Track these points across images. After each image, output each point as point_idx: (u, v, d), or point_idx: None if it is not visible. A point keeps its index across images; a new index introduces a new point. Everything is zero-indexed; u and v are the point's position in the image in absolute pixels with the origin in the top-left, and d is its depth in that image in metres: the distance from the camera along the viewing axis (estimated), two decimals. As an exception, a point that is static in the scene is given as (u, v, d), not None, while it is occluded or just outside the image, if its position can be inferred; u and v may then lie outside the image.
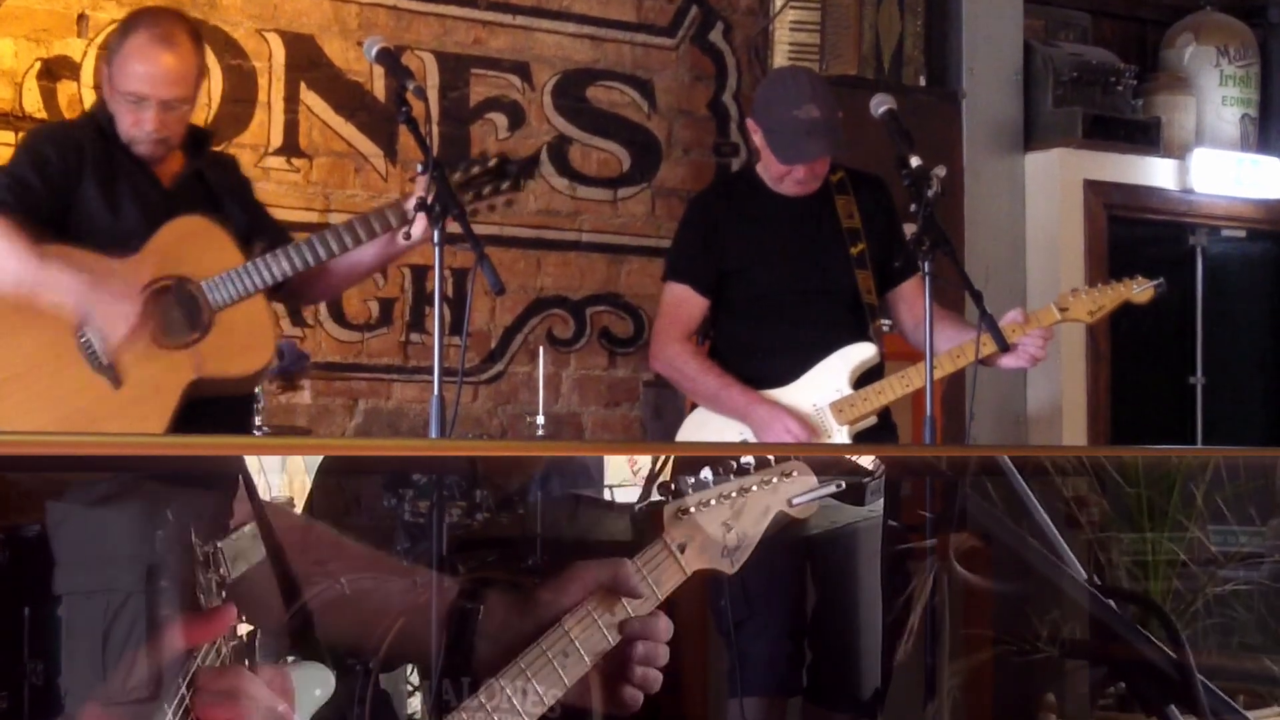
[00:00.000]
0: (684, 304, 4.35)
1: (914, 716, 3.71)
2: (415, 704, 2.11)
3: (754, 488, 2.20)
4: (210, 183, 3.89)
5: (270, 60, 5.75)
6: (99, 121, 3.81)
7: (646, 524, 2.16)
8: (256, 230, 3.87)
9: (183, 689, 1.71)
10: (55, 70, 5.38)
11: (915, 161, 3.93)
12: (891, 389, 4.17)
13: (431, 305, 5.75)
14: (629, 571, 2.05)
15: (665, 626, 2.06)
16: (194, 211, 3.75)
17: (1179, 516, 3.66)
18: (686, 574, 2.12)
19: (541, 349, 5.76)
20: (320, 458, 3.31)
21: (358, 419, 5.84)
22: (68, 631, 2.43)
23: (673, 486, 2.18)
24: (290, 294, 4.01)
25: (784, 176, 4.28)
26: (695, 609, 3.92)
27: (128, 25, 3.83)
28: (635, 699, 2.03)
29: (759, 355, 4.28)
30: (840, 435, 4.17)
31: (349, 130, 5.87)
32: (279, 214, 4.55)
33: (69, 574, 2.13)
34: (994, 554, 3.52)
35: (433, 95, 5.94)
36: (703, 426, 4.30)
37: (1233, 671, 3.63)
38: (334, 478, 3.84)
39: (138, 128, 3.73)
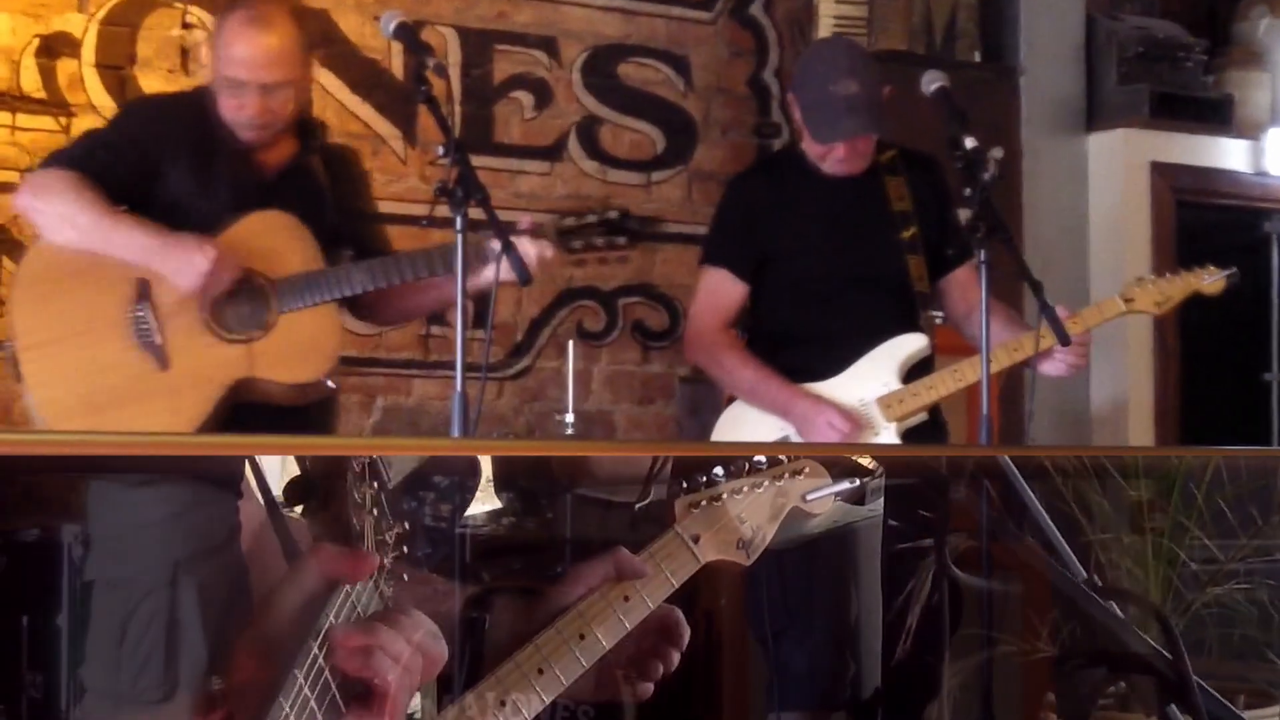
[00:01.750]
0: (722, 290, 4.34)
1: (914, 717, 3.83)
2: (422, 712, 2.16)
3: (766, 483, 2.34)
4: (315, 177, 3.91)
5: (282, 36, 5.76)
6: (204, 101, 3.84)
7: (657, 517, 2.27)
8: (348, 238, 3.88)
9: (314, 649, 1.75)
10: (55, 47, 5.41)
11: (969, 143, 3.91)
12: (944, 384, 4.16)
13: (451, 303, 5.75)
14: (625, 553, 2.17)
15: (679, 617, 2.19)
16: (290, 206, 3.78)
17: (1179, 517, 3.71)
18: (701, 562, 2.25)
19: (570, 343, 5.76)
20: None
21: (375, 416, 5.85)
22: (117, 619, 2.45)
23: (683, 483, 2.30)
24: (365, 310, 4.02)
25: (826, 155, 4.27)
26: (730, 615, 3.95)
27: (226, 8, 3.87)
28: (646, 689, 2.14)
29: (801, 346, 4.27)
30: (888, 432, 4.16)
31: (365, 110, 5.89)
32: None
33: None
34: (994, 554, 3.59)
35: (454, 73, 5.95)
36: (739, 421, 4.29)
37: (1233, 671, 3.69)
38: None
39: (240, 113, 3.78)
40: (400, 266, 3.77)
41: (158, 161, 3.72)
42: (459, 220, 3.49)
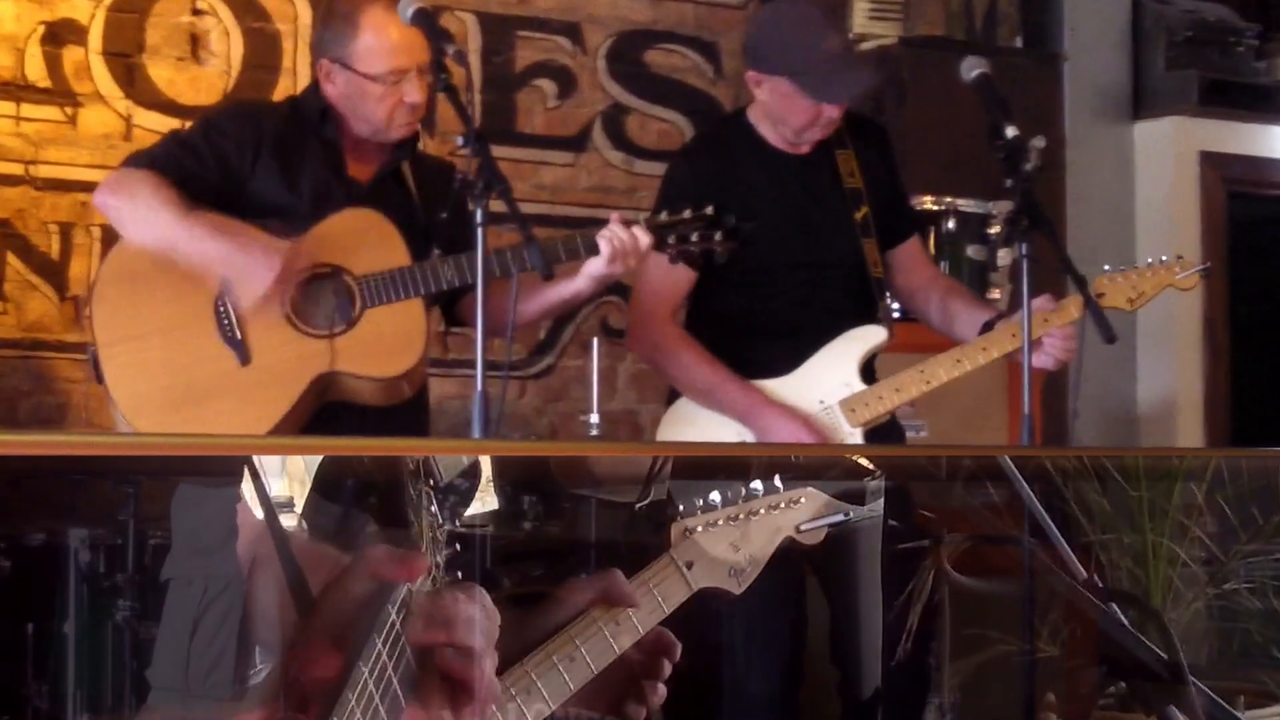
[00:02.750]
0: (671, 276, 4.15)
1: (914, 717, 3.85)
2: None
3: (762, 511, 2.42)
4: (406, 184, 3.95)
5: (295, 22, 5.78)
6: (301, 108, 3.92)
7: (652, 536, 2.38)
8: (438, 239, 3.90)
9: (392, 615, 1.84)
10: (60, 35, 5.43)
11: (1011, 132, 3.89)
12: (911, 385, 4.05)
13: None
14: (620, 580, 2.26)
15: (672, 642, 2.26)
16: (380, 208, 3.82)
17: (1180, 517, 3.74)
18: (693, 589, 2.33)
19: (595, 340, 5.76)
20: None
21: (392, 418, 5.86)
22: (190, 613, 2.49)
23: (680, 506, 2.40)
24: (464, 316, 4.03)
25: (812, 124, 4.16)
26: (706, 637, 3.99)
27: (344, 5, 3.88)
28: (638, 714, 2.21)
29: (750, 337, 4.16)
30: (852, 439, 4.05)
31: (382, 99, 5.89)
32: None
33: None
34: (994, 554, 3.63)
35: (474, 60, 5.96)
36: (689, 422, 4.17)
37: (1234, 671, 3.72)
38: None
39: (403, 107, 3.83)
40: (489, 262, 3.74)
41: (241, 166, 3.78)
42: (479, 213, 3.49)
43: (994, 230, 5.68)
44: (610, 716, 2.23)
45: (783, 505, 2.43)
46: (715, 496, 2.40)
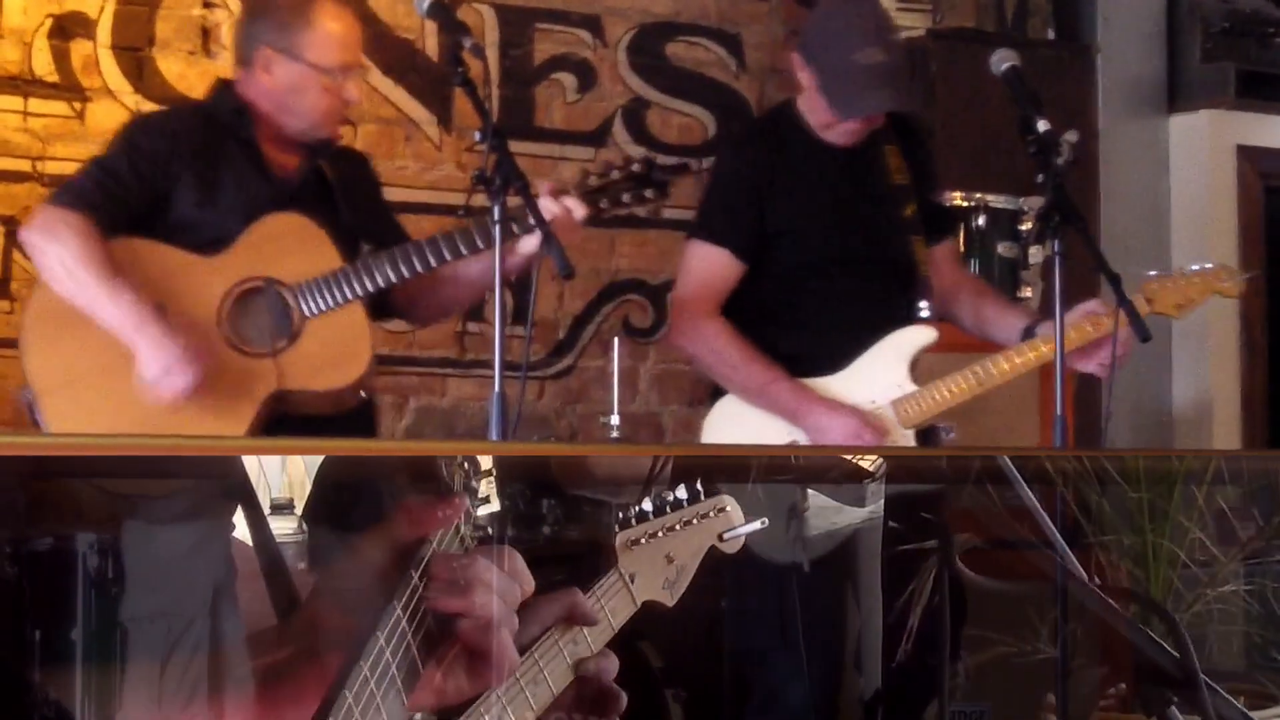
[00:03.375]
0: (719, 270, 4.20)
1: (914, 717, 3.90)
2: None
3: (693, 521, 2.47)
4: (329, 182, 3.94)
5: (309, 15, 5.78)
6: (214, 112, 3.90)
7: (600, 552, 2.40)
8: (366, 235, 3.90)
9: (415, 579, 1.86)
10: (68, 28, 5.43)
11: (1042, 126, 3.89)
12: (963, 385, 4.07)
13: (492, 291, 5.76)
14: (581, 600, 2.28)
15: (614, 665, 2.29)
16: (301, 207, 3.80)
17: (1180, 517, 3.76)
18: (637, 605, 2.38)
19: (616, 340, 5.76)
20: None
21: (408, 419, 5.87)
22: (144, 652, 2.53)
23: (619, 515, 2.44)
24: (400, 310, 4.03)
25: (832, 126, 4.21)
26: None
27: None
28: None
29: (797, 333, 4.17)
30: (904, 439, 4.07)
31: (398, 94, 5.90)
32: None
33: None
34: (994, 554, 3.67)
35: (492, 54, 5.96)
36: (737, 421, 4.17)
37: (1235, 672, 3.75)
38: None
39: (337, 107, 3.84)
40: (424, 252, 3.76)
41: (164, 181, 3.75)
42: (497, 210, 3.50)
43: (1025, 227, 5.66)
44: None
45: (711, 514, 2.48)
46: (648, 505, 2.42)
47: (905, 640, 3.79)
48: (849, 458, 3.76)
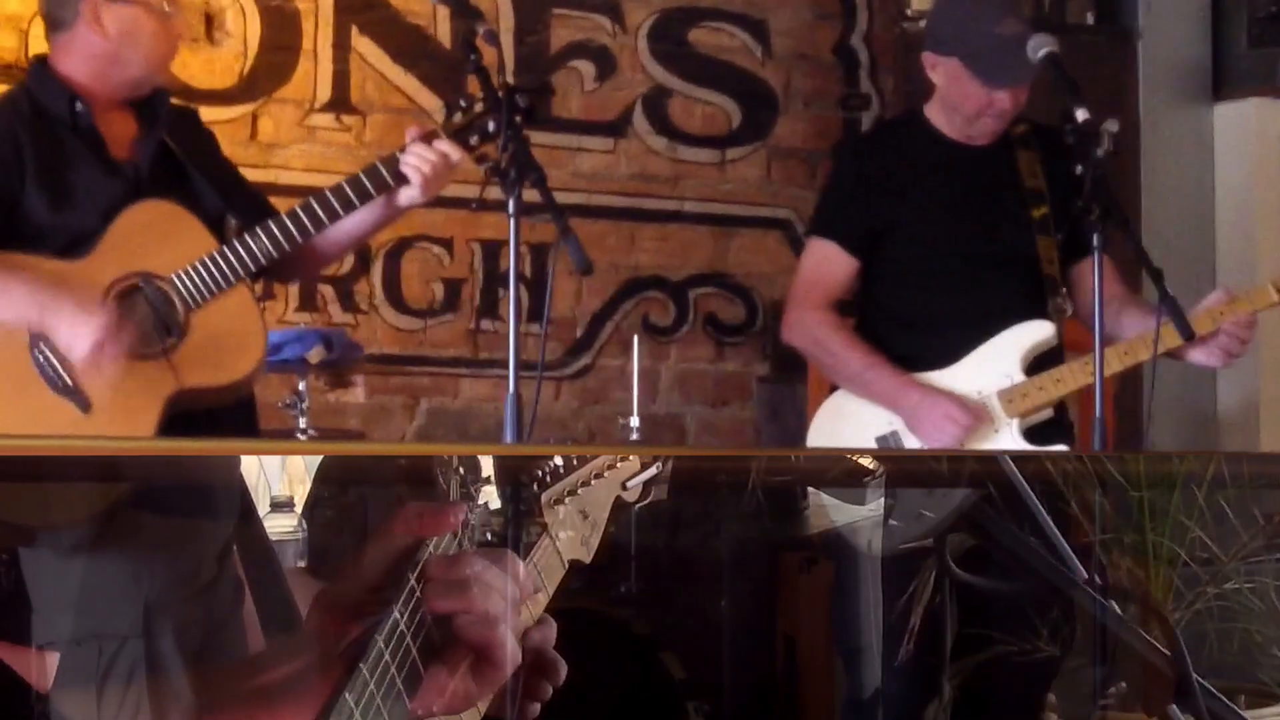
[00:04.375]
0: (829, 264, 4.35)
1: (914, 717, 3.98)
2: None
3: (604, 473, 2.48)
4: (175, 152, 3.85)
5: (317, 1, 5.80)
6: (43, 102, 3.78)
7: (526, 513, 2.40)
8: (231, 206, 3.85)
9: (412, 582, 1.88)
10: (67, 14, 5.44)
11: (1081, 114, 3.90)
12: (1072, 377, 4.16)
13: (506, 287, 5.72)
14: (522, 568, 2.25)
15: (554, 632, 2.27)
16: (158, 189, 3.73)
17: (1180, 517, 3.81)
18: (565, 566, 2.37)
19: (636, 338, 5.76)
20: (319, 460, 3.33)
21: (419, 420, 5.87)
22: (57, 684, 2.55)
23: (539, 474, 2.42)
24: (273, 272, 3.96)
25: (983, 111, 4.26)
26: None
27: None
28: (534, 710, 2.22)
29: (915, 330, 4.28)
30: (1009, 429, 4.15)
31: (408, 82, 5.91)
32: (325, 180, 4.57)
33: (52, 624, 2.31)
34: (994, 554, 3.72)
35: (506, 40, 5.96)
36: (841, 413, 4.29)
37: (1235, 671, 3.80)
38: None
39: (172, 47, 3.79)
40: (301, 220, 3.71)
41: (12, 190, 3.65)
42: (511, 204, 3.50)
43: (1064, 220, 5.67)
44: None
45: (617, 462, 2.49)
46: (559, 460, 2.43)
47: (907, 639, 3.83)
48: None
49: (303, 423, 4.75)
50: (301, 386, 4.75)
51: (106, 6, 3.74)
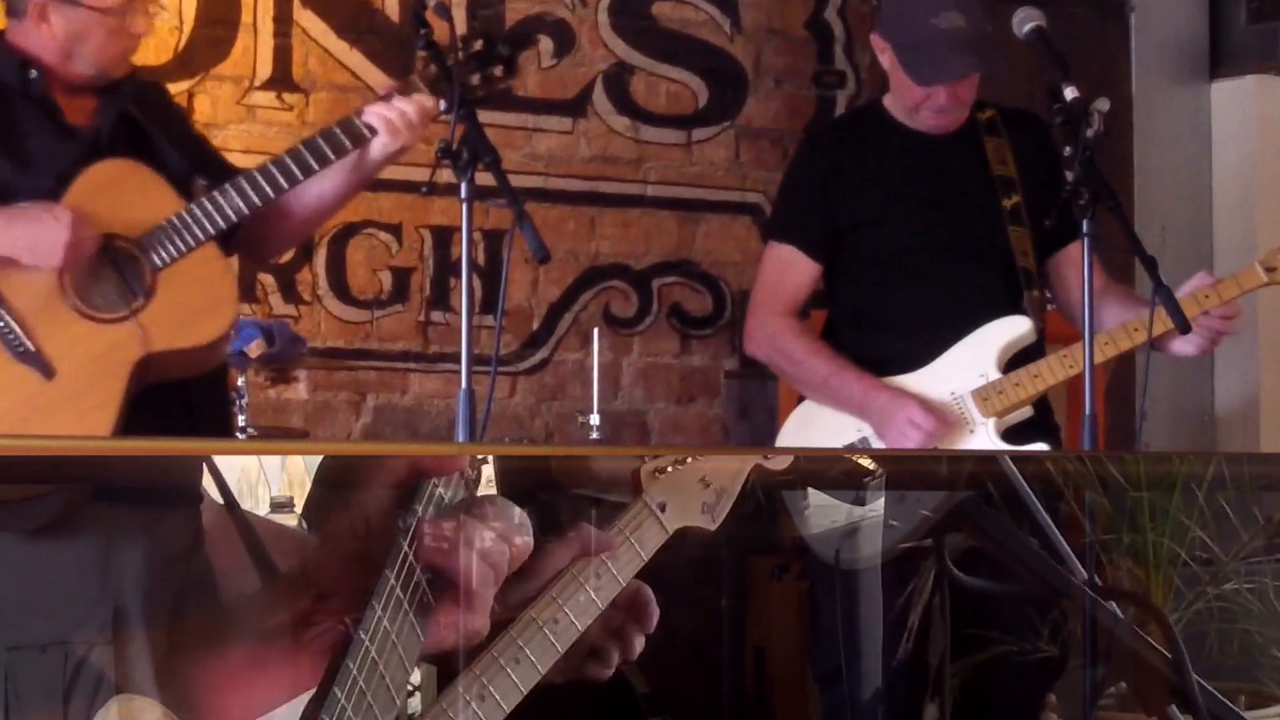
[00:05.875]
0: (789, 270, 4.36)
1: (914, 717, 3.99)
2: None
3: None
4: (138, 120, 3.84)
5: (256, -30, 5.80)
6: None
7: (624, 485, 2.55)
8: (197, 167, 3.85)
9: (404, 547, 2.04)
10: None
11: (1071, 93, 3.91)
12: (1050, 371, 4.17)
13: (458, 277, 5.76)
14: (590, 532, 2.43)
15: (649, 595, 2.46)
16: (119, 153, 3.72)
17: (1180, 518, 3.85)
18: (669, 532, 2.50)
19: (596, 331, 5.78)
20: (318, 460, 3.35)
21: (365, 418, 5.87)
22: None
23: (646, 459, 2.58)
24: (247, 246, 3.98)
25: (920, 105, 4.27)
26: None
27: None
28: (601, 673, 2.43)
29: (886, 332, 4.29)
30: (986, 429, 4.17)
31: (354, 58, 5.90)
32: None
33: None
34: (994, 554, 3.76)
35: (459, 14, 5.95)
36: (810, 424, 4.30)
37: (1235, 672, 3.88)
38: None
39: (127, 46, 3.78)
40: (273, 174, 3.72)
41: None
42: (464, 188, 3.51)
43: (1052, 204, 5.68)
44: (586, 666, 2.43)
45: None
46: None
47: (907, 639, 3.87)
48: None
49: (241, 420, 4.74)
50: (240, 382, 4.75)
51: (53, 6, 3.74)
